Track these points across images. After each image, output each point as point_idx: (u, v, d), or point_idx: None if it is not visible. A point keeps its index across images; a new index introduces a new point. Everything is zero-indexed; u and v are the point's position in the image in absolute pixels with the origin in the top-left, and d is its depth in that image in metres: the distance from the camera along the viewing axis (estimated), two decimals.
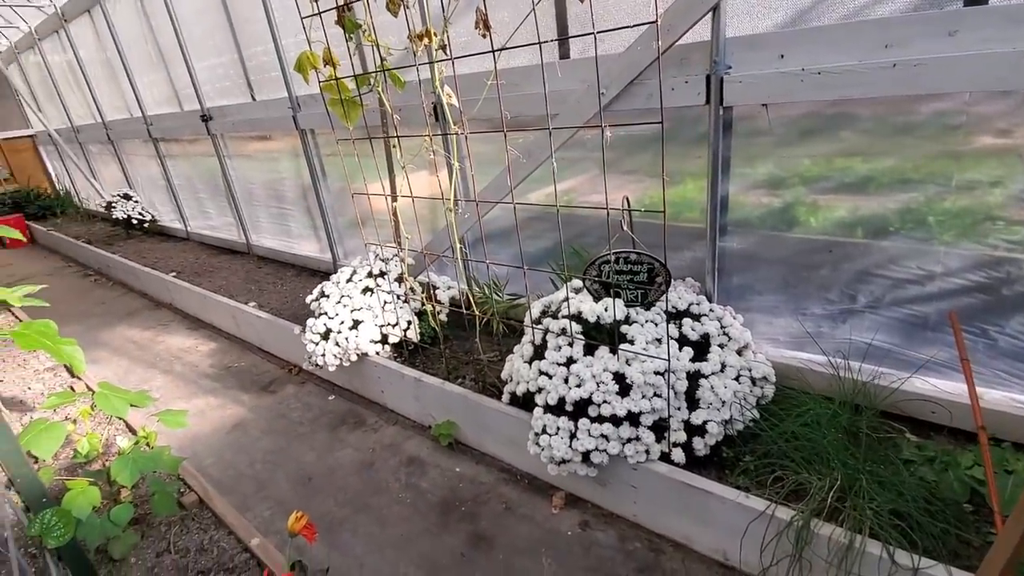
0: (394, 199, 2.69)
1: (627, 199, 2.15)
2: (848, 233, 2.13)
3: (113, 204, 6.71)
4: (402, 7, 1.89)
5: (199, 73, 4.85)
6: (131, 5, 5.28)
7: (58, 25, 6.80)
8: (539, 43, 1.65)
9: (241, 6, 4.07)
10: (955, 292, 2.02)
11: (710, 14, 2.01)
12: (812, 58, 1.92)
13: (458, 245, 2.29)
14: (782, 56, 1.98)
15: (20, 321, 4.45)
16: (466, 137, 1.99)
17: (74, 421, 2.85)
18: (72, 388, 3.52)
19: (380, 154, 3.18)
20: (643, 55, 2.18)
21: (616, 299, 2.17)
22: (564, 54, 2.56)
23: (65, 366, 3.84)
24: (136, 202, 6.81)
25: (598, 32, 1.53)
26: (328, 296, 2.97)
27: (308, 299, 3.10)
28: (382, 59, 2.13)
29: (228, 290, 4.41)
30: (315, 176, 4.16)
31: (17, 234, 1.68)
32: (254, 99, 4.45)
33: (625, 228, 2.08)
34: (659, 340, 2.09)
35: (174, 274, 4.98)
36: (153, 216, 6.81)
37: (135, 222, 6.65)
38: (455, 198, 2.24)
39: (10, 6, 7.17)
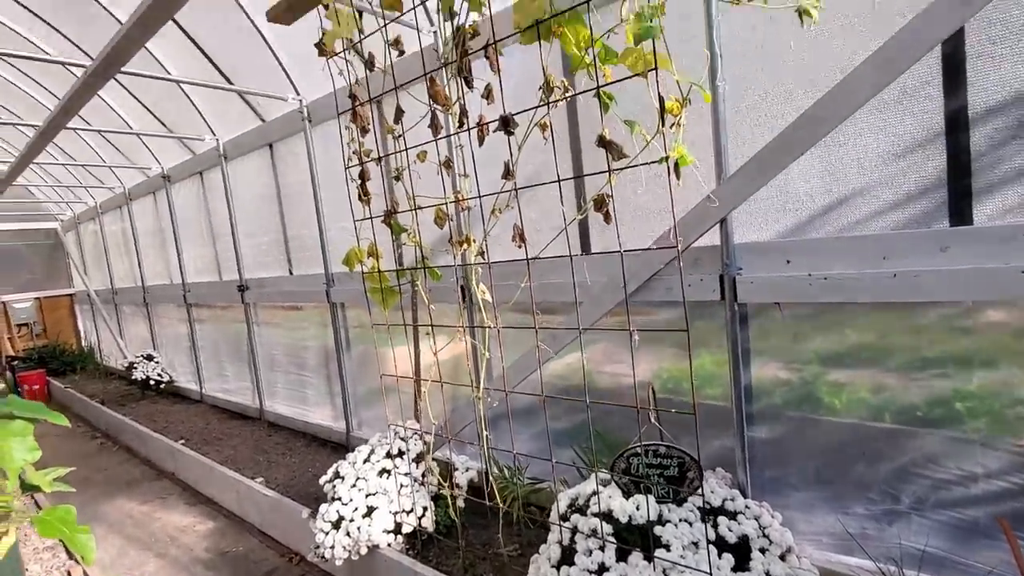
0: (418, 380, 2.74)
1: (653, 389, 2.19)
2: (875, 417, 2.11)
3: (135, 364, 6.85)
4: (447, 220, 2.14)
5: (243, 248, 5.31)
6: (194, 190, 5.98)
7: (123, 202, 7.64)
8: (570, 256, 1.84)
9: (293, 195, 4.60)
10: (1001, 495, 1.93)
11: (718, 224, 2.25)
12: (817, 265, 2.09)
13: (484, 432, 2.29)
14: (788, 261, 2.17)
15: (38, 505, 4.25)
16: (498, 331, 2.10)
17: None
18: (69, 573, 3.27)
19: (405, 317, 3.31)
20: (660, 256, 2.39)
21: (647, 494, 2.08)
22: (586, 250, 2.81)
23: (67, 548, 3.60)
24: (157, 363, 6.95)
25: (624, 251, 1.71)
26: (343, 478, 2.87)
27: (322, 480, 2.99)
28: (423, 257, 2.35)
29: (235, 461, 4.27)
30: (339, 346, 4.30)
31: (63, 420, 1.71)
32: (291, 273, 4.79)
33: (653, 420, 2.08)
34: (695, 544, 1.96)
35: (182, 441, 4.88)
36: (170, 377, 6.89)
37: (152, 383, 6.72)
38: (484, 385, 2.29)
39: (85, 187, 8.16)
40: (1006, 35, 1.79)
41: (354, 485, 2.80)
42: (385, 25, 2.18)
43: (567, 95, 1.81)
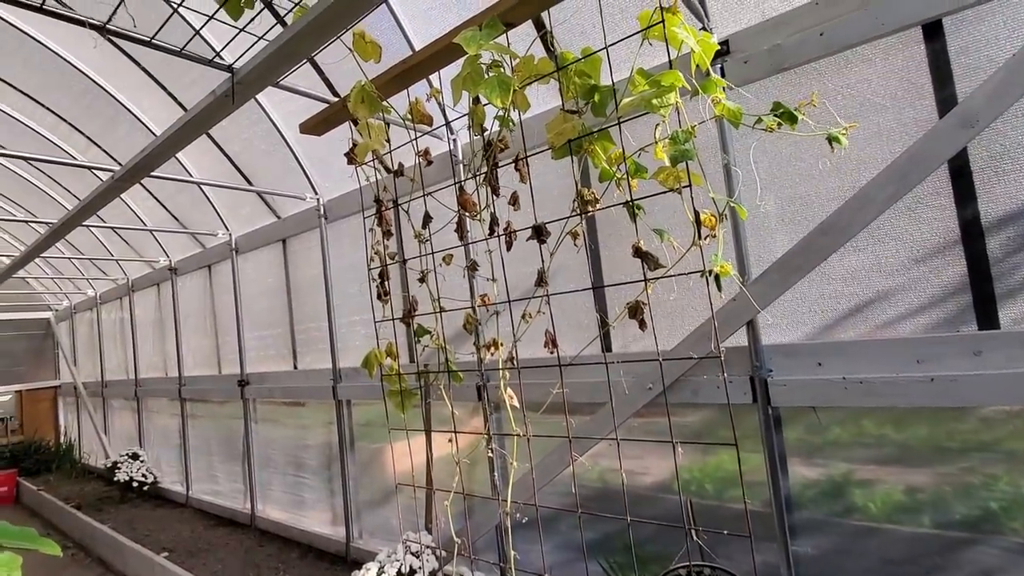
0: (431, 491, 2.59)
1: (691, 502, 2.08)
2: (932, 526, 1.99)
3: (119, 464, 6.48)
4: (475, 324, 2.13)
5: (247, 342, 5.23)
6: (200, 283, 6.00)
7: (124, 293, 7.61)
8: (605, 363, 1.81)
9: (303, 290, 4.62)
10: None
11: (745, 325, 2.26)
12: (850, 368, 2.08)
13: (512, 552, 2.12)
14: (820, 364, 2.15)
15: None
16: (528, 440, 2.01)
17: None
18: None
19: (423, 416, 3.18)
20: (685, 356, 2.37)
21: None
22: (607, 348, 2.79)
23: None
24: (142, 462, 6.59)
25: (664, 360, 1.69)
26: None
27: None
28: (447, 360, 2.30)
29: None
30: (344, 446, 4.11)
31: (56, 549, 1.56)
32: (296, 367, 4.69)
33: (696, 539, 1.95)
34: None
35: (165, 554, 4.50)
36: (155, 477, 6.51)
37: (135, 484, 6.32)
38: (510, 499, 2.16)
39: (87, 279, 8.17)
40: (1004, 152, 1.91)
41: None
42: (416, 139, 2.29)
43: (598, 208, 1.87)
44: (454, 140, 3.30)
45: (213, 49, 2.88)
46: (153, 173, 3.68)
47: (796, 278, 2.12)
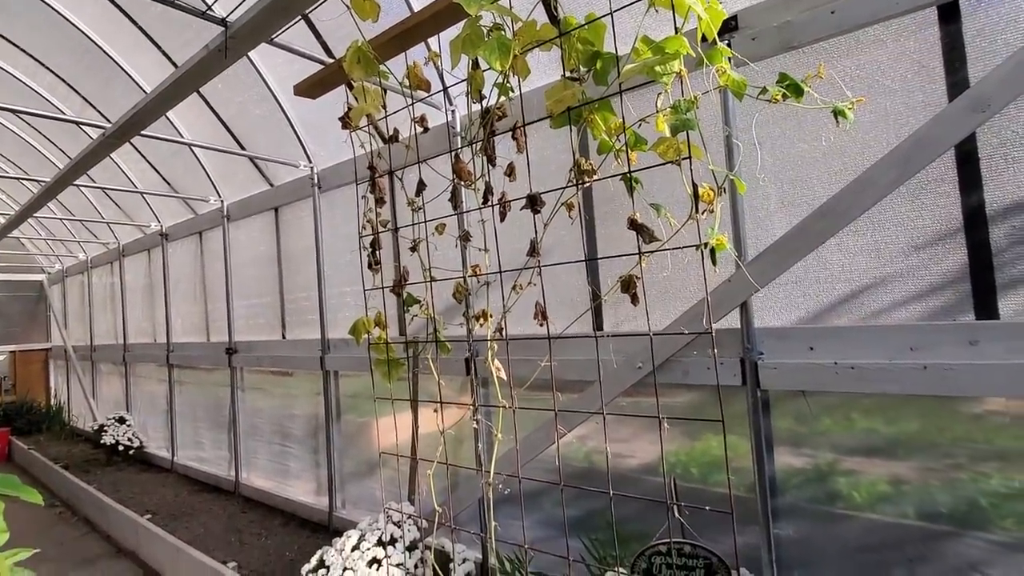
0: (415, 460, 2.58)
1: (675, 481, 2.06)
2: (916, 517, 1.98)
3: (105, 427, 6.47)
4: (465, 294, 2.09)
5: (236, 310, 5.18)
6: (191, 249, 5.92)
7: (115, 258, 7.53)
8: (595, 336, 1.77)
9: (294, 259, 4.56)
10: None
11: (739, 307, 2.22)
12: (842, 353, 2.05)
13: (492, 523, 2.11)
14: (811, 348, 2.13)
15: None
16: (514, 411, 1.99)
17: None
18: None
19: (410, 388, 3.16)
20: (679, 337, 2.34)
21: None
22: (599, 326, 2.76)
23: None
24: (129, 426, 6.58)
25: (654, 335, 1.65)
26: (329, 567, 2.62)
27: (304, 569, 2.73)
28: (435, 330, 2.27)
29: (205, 541, 3.92)
30: (330, 416, 4.10)
31: (37, 497, 1.55)
32: (284, 337, 4.65)
33: (677, 516, 1.94)
34: None
35: (148, 516, 4.50)
36: (141, 442, 6.50)
37: (121, 448, 6.32)
38: (493, 470, 2.15)
39: (79, 242, 8.08)
40: (1016, 138, 1.86)
41: None
42: (412, 104, 2.22)
43: (595, 178, 1.82)
44: (452, 112, 3.23)
45: (205, 2, 2.79)
46: (145, 132, 3.60)
47: (793, 260, 2.08)
